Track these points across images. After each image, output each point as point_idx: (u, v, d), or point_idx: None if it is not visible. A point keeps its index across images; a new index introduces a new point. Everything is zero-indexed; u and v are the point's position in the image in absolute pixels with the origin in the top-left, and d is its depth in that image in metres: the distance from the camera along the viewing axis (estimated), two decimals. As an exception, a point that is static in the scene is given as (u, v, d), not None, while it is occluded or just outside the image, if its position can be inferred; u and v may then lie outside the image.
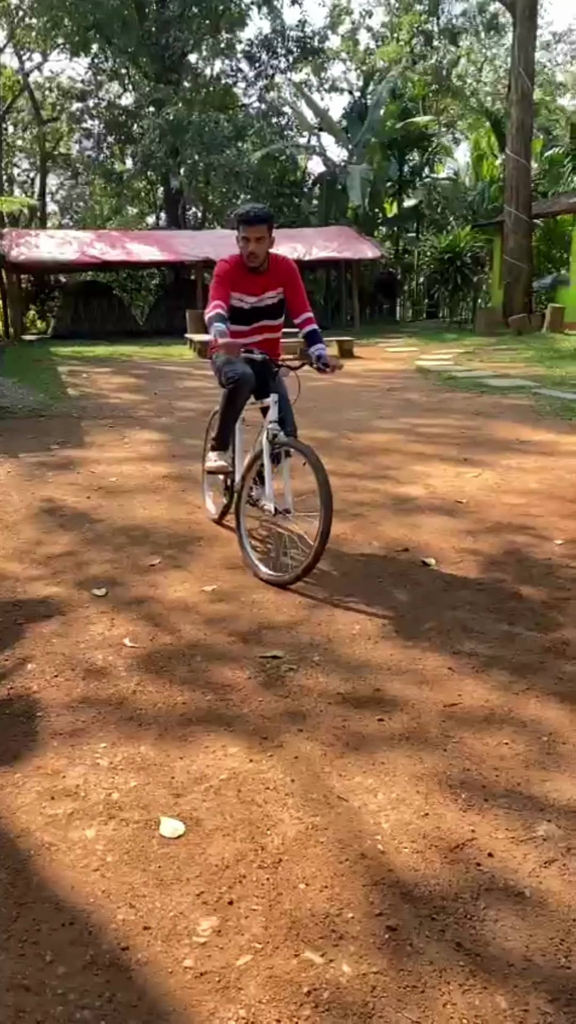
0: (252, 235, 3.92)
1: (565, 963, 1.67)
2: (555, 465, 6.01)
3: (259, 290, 4.11)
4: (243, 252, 3.99)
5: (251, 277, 4.06)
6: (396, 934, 1.75)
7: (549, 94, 34.91)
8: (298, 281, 4.20)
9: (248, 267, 4.02)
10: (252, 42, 30.10)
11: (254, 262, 4.00)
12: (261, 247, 3.96)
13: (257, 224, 3.92)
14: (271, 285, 4.14)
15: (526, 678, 2.85)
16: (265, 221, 3.96)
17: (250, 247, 3.94)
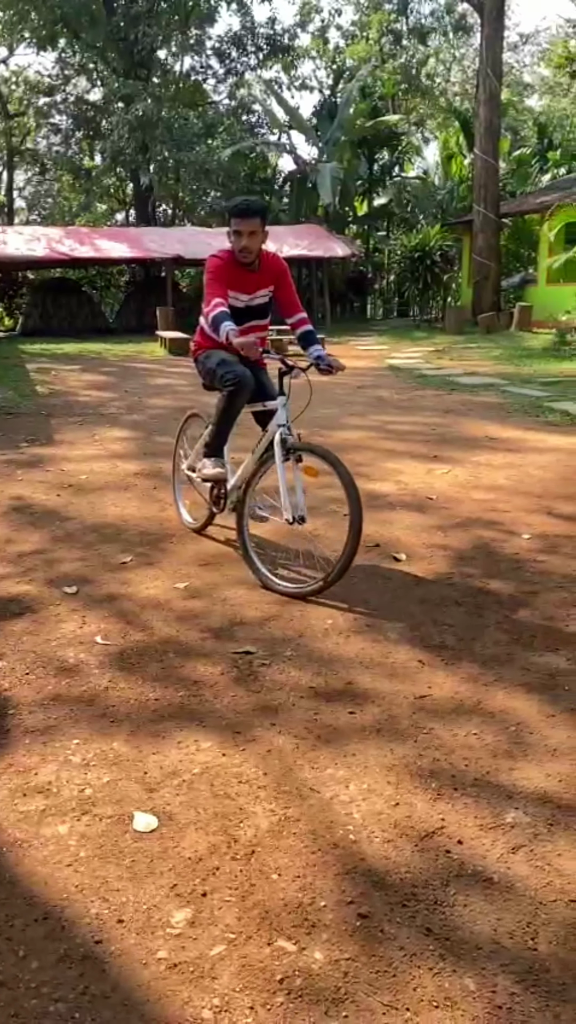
0: (245, 228, 3.71)
1: (532, 945, 1.71)
2: (523, 462, 6.09)
3: (252, 288, 3.91)
4: (235, 247, 3.77)
5: (244, 274, 3.86)
6: (368, 921, 1.78)
7: (517, 95, 35.27)
8: (289, 279, 4.03)
9: (240, 263, 3.82)
10: (222, 39, 30.01)
11: (247, 257, 3.79)
12: (254, 241, 3.75)
13: (250, 217, 3.72)
14: (263, 283, 3.95)
15: (494, 670, 2.90)
16: (259, 214, 3.76)
17: (243, 241, 3.73)
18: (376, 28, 31.97)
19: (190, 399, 9.81)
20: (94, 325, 22.62)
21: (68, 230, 23.07)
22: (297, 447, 3.68)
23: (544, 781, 2.26)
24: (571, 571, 3.84)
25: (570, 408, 8.54)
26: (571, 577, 3.77)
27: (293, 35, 30.68)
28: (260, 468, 3.84)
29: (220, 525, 4.39)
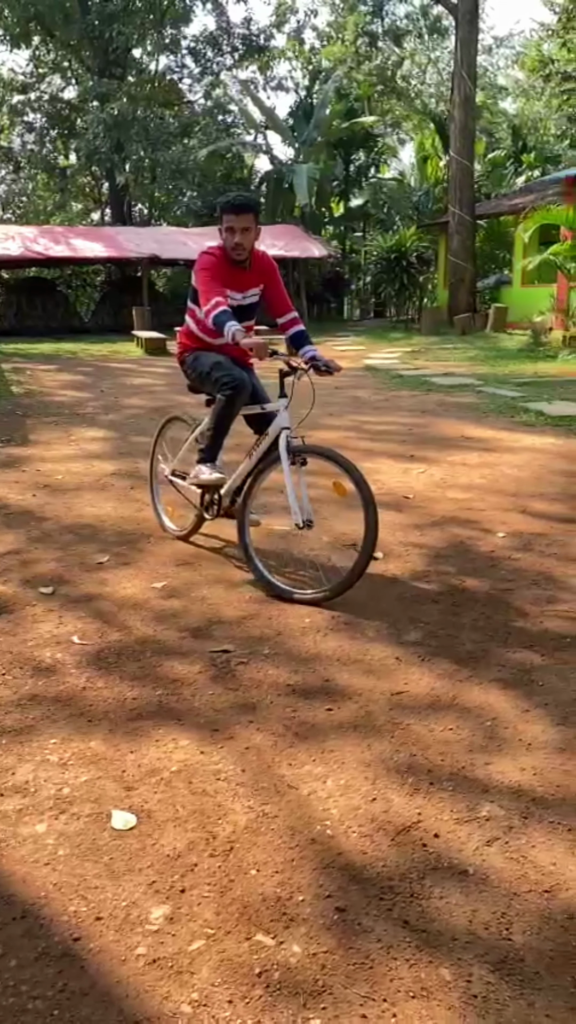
0: (238, 225, 3.60)
1: (507, 935, 1.74)
2: (498, 461, 6.15)
3: (243, 286, 3.80)
4: (227, 244, 3.66)
5: (236, 272, 3.74)
6: (345, 914, 1.80)
7: (491, 97, 35.52)
8: (279, 278, 3.93)
9: (233, 261, 3.71)
10: (197, 38, 29.97)
11: (240, 255, 3.68)
12: (247, 238, 3.64)
13: (244, 212, 3.61)
14: (254, 282, 3.84)
15: (470, 666, 2.93)
16: (252, 209, 3.67)
17: (236, 238, 3.62)
18: (351, 30, 32.07)
19: (166, 399, 9.80)
20: (69, 325, 22.50)
21: (43, 229, 22.94)
22: (303, 450, 3.58)
23: (519, 775, 2.29)
24: (545, 569, 3.89)
25: (544, 408, 8.63)
26: (545, 575, 3.82)
27: (269, 35, 30.71)
28: (262, 472, 3.73)
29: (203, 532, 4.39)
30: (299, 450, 3.58)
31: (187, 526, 4.30)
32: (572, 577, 3.79)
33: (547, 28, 28.92)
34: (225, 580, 3.80)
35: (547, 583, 3.71)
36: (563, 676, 2.85)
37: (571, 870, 1.93)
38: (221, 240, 3.69)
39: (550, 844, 2.02)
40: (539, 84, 30.04)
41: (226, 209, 3.63)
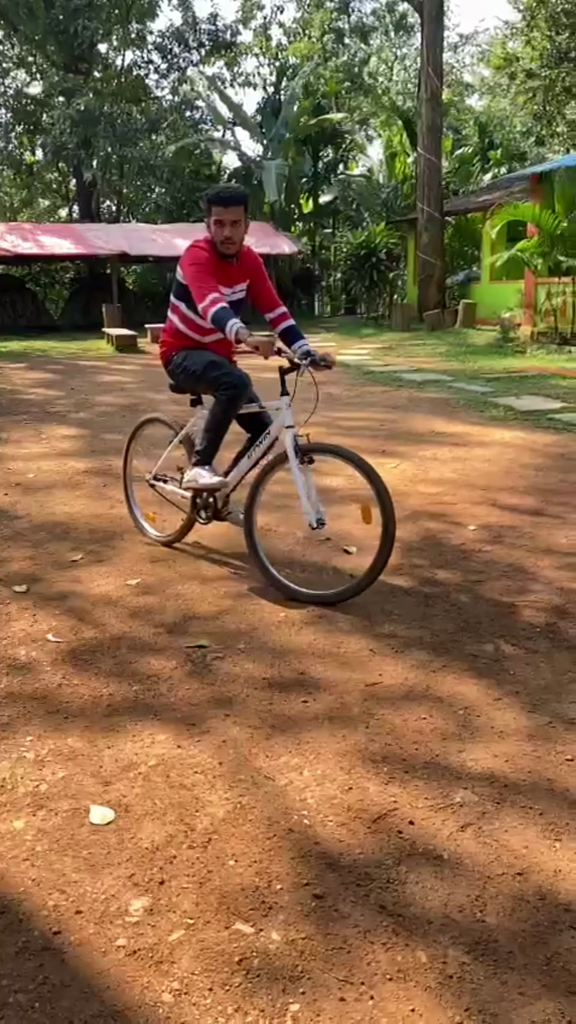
0: (227, 218, 3.49)
1: (481, 917, 1.78)
2: (468, 455, 6.22)
3: (232, 282, 3.68)
4: (216, 238, 3.55)
5: (225, 266, 3.63)
6: (323, 901, 1.82)
7: (458, 94, 35.76)
8: (266, 272, 3.84)
9: (221, 255, 3.60)
10: (163, 34, 29.78)
11: (230, 249, 3.57)
12: (237, 231, 3.54)
13: (233, 205, 3.50)
14: (241, 277, 3.74)
15: (442, 656, 2.97)
16: (242, 201, 3.55)
17: (225, 231, 3.51)
18: (318, 26, 32.09)
19: (138, 396, 9.76)
20: (39, 322, 22.30)
21: (10, 226, 22.67)
22: (311, 448, 3.49)
23: (491, 761, 2.34)
24: (514, 560, 3.95)
25: (513, 403, 8.74)
26: (515, 566, 3.88)
27: (235, 31, 30.59)
28: (268, 473, 3.61)
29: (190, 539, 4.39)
30: (307, 448, 3.48)
31: (172, 531, 4.17)
32: (541, 568, 3.85)
33: (512, 26, 29.17)
34: (199, 576, 3.81)
35: (517, 574, 3.77)
36: (533, 664, 2.91)
37: (543, 853, 1.97)
38: (209, 234, 3.58)
39: (522, 828, 2.06)
40: (505, 82, 30.26)
41: (214, 201, 3.52)
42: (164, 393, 10.66)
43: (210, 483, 3.72)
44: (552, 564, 3.90)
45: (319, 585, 3.60)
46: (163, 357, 3.90)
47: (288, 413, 3.55)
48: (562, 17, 24.54)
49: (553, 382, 10.42)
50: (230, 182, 29.24)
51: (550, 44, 25.11)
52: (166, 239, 22.81)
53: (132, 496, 4.44)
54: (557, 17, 24.67)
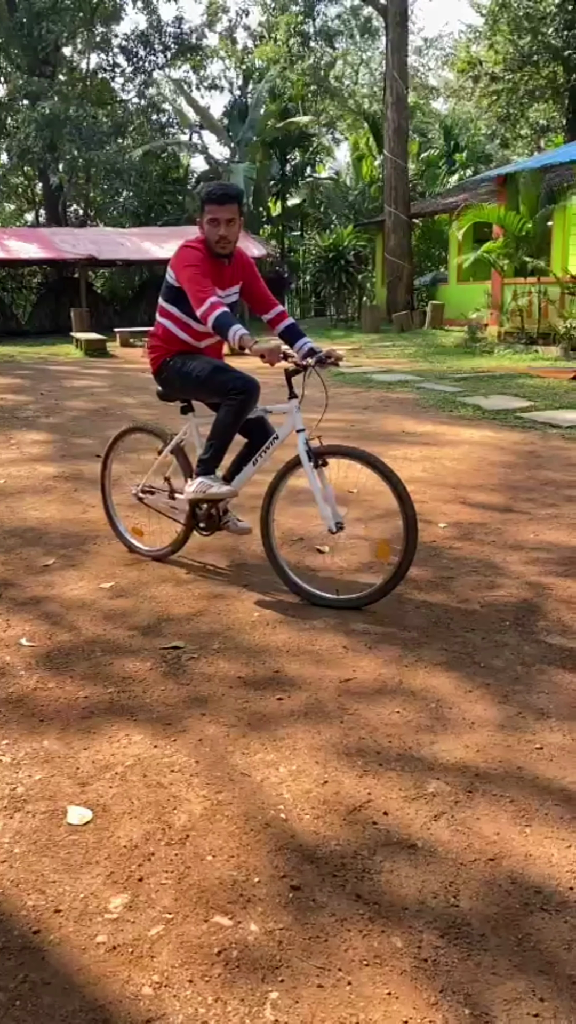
0: (222, 216, 3.39)
1: (454, 902, 1.82)
2: (438, 455, 6.30)
3: (225, 283, 3.57)
4: (211, 237, 3.44)
5: (220, 267, 3.52)
6: (300, 892, 1.86)
7: (423, 97, 36.10)
8: (258, 272, 3.74)
9: (215, 255, 3.49)
10: (129, 37, 29.71)
11: (225, 248, 3.47)
12: (232, 230, 3.43)
13: (228, 203, 3.41)
14: (235, 279, 3.63)
15: (414, 651, 3.02)
16: (236, 199, 3.46)
17: (220, 230, 3.41)
18: (284, 30, 32.22)
19: (108, 400, 9.74)
20: (6, 327, 22.13)
21: (-24, 231, 22.46)
22: (324, 451, 3.43)
23: (463, 752, 2.39)
24: (484, 556, 4.02)
25: (481, 403, 8.85)
26: (484, 562, 3.94)
27: (201, 35, 30.63)
28: (282, 478, 3.54)
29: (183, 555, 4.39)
30: (320, 452, 3.42)
31: (166, 545, 3.99)
32: (510, 563, 3.92)
33: (475, 30, 29.51)
34: (173, 579, 3.82)
35: (486, 570, 3.84)
36: (503, 657, 2.97)
37: (514, 839, 2.02)
38: (202, 233, 3.49)
39: (494, 815, 2.11)
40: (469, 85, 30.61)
41: (208, 200, 3.42)
42: (135, 397, 10.67)
43: (221, 492, 3.58)
44: (520, 559, 3.98)
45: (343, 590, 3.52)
46: (155, 363, 3.74)
47: (299, 416, 3.48)
48: (524, 21, 24.89)
49: (520, 381, 10.57)
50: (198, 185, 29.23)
51: (513, 48, 25.46)
52: (134, 243, 22.75)
53: (113, 510, 4.23)
54: (519, 21, 25.03)
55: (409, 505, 3.23)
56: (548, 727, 2.51)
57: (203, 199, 3.46)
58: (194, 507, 3.74)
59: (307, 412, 3.61)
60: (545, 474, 5.68)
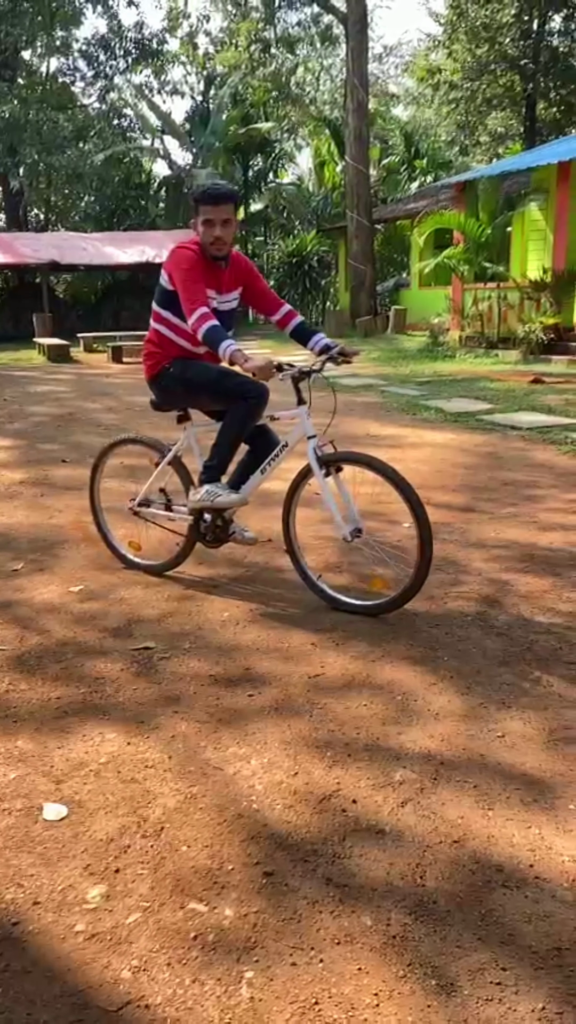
0: (217, 217, 3.27)
1: (421, 882, 1.90)
2: (403, 456, 6.41)
3: (224, 287, 3.45)
4: (205, 239, 3.31)
5: (216, 270, 3.40)
6: (273, 878, 1.92)
7: (384, 104, 36.45)
8: (259, 273, 3.63)
9: (211, 257, 3.37)
10: (89, 41, 29.60)
11: (221, 250, 3.34)
12: (228, 231, 3.31)
13: (223, 202, 3.28)
14: (233, 284, 3.50)
15: (381, 647, 3.11)
16: (231, 199, 3.33)
17: (216, 231, 3.29)
18: (245, 36, 32.33)
19: (74, 406, 9.72)
20: (-33, 333, 21.87)
21: None
22: (335, 458, 3.36)
23: (428, 741, 2.47)
24: (448, 554, 4.12)
25: (444, 406, 9.00)
26: (448, 560, 4.04)
27: (162, 40, 30.61)
28: (299, 486, 3.50)
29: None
30: (331, 459, 3.36)
31: (167, 558, 3.86)
32: (472, 561, 4.03)
33: (433, 39, 29.91)
34: (143, 581, 3.86)
35: (450, 567, 3.94)
36: (465, 651, 3.06)
37: (477, 821, 2.11)
38: (196, 235, 3.36)
39: (458, 800, 2.20)
40: (428, 92, 31.03)
41: (202, 200, 3.29)
42: (99, 402, 10.64)
43: (230, 501, 3.48)
44: (482, 557, 4.09)
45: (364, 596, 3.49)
46: (150, 371, 3.60)
47: (308, 423, 3.40)
48: (481, 31, 25.33)
49: (481, 385, 10.76)
50: (160, 190, 29.23)
51: (471, 57, 25.88)
52: (97, 248, 22.67)
53: (105, 525, 4.10)
54: (476, 31, 25.47)
55: (423, 515, 3.17)
56: (509, 716, 2.61)
57: (197, 199, 3.33)
58: (198, 518, 3.63)
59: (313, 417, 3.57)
60: (505, 475, 5.82)
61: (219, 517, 3.60)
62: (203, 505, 3.54)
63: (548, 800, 2.19)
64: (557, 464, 6.13)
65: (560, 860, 1.96)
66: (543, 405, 8.84)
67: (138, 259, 22.42)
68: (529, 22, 25.64)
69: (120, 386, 12.07)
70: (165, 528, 3.94)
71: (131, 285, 25.72)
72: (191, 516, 3.65)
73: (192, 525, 3.66)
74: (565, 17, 26.48)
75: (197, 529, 3.66)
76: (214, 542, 3.69)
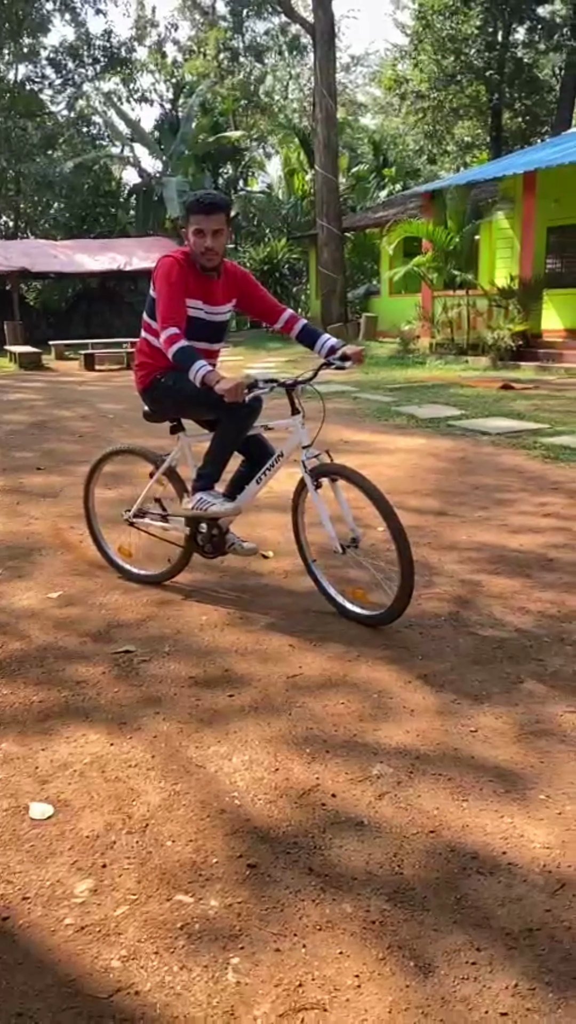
0: (209, 227, 3.23)
1: (398, 871, 1.98)
2: (375, 462, 6.51)
3: (216, 299, 3.41)
4: (196, 249, 3.27)
5: (205, 282, 3.35)
6: (256, 870, 1.98)
7: (352, 114, 36.81)
8: (256, 282, 3.58)
9: (202, 268, 3.33)
10: (57, 49, 29.55)
11: (212, 261, 3.29)
12: (219, 241, 3.26)
13: (215, 212, 3.23)
14: (226, 296, 3.46)
15: (357, 647, 3.18)
16: (223, 208, 3.27)
17: (207, 241, 3.24)
18: (213, 44, 32.49)
19: (47, 414, 9.71)
20: None
21: None
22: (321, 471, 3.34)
23: (404, 737, 2.55)
24: (420, 557, 4.21)
25: (415, 411, 9.14)
26: (421, 562, 4.13)
27: (130, 48, 30.67)
28: (298, 498, 3.53)
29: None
30: (319, 471, 3.34)
31: (163, 568, 3.86)
32: (445, 563, 4.13)
33: (400, 49, 30.29)
34: (121, 587, 3.91)
35: (423, 569, 4.03)
36: (439, 650, 3.15)
37: (452, 812, 2.19)
38: (187, 245, 3.33)
39: (434, 793, 2.28)
40: (396, 102, 31.39)
41: (194, 209, 3.24)
42: (72, 410, 10.62)
43: (223, 510, 3.44)
44: (454, 559, 4.19)
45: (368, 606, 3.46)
46: (142, 381, 3.57)
47: (304, 432, 3.37)
48: (447, 42, 25.71)
49: (452, 391, 10.93)
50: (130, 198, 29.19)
51: (437, 67, 26.25)
52: (68, 255, 22.60)
53: (100, 535, 4.09)
54: (442, 42, 25.85)
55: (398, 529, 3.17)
56: (482, 711, 2.70)
57: (188, 208, 3.28)
58: (195, 528, 3.61)
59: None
60: (476, 479, 5.95)
61: (215, 526, 3.57)
62: (196, 514, 3.52)
63: (520, 791, 2.28)
64: (526, 468, 6.27)
65: (532, 847, 2.05)
66: (512, 411, 9.00)
67: (108, 266, 22.41)
68: (494, 33, 26.10)
69: (93, 394, 12.06)
70: (161, 539, 3.92)
71: (101, 292, 25.68)
72: (187, 527, 3.63)
73: (188, 536, 3.64)
74: (528, 29, 27.01)
75: (194, 540, 3.64)
76: (212, 553, 3.65)
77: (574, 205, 14.22)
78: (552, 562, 4.13)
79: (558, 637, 3.25)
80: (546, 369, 13.05)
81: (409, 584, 3.18)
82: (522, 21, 26.47)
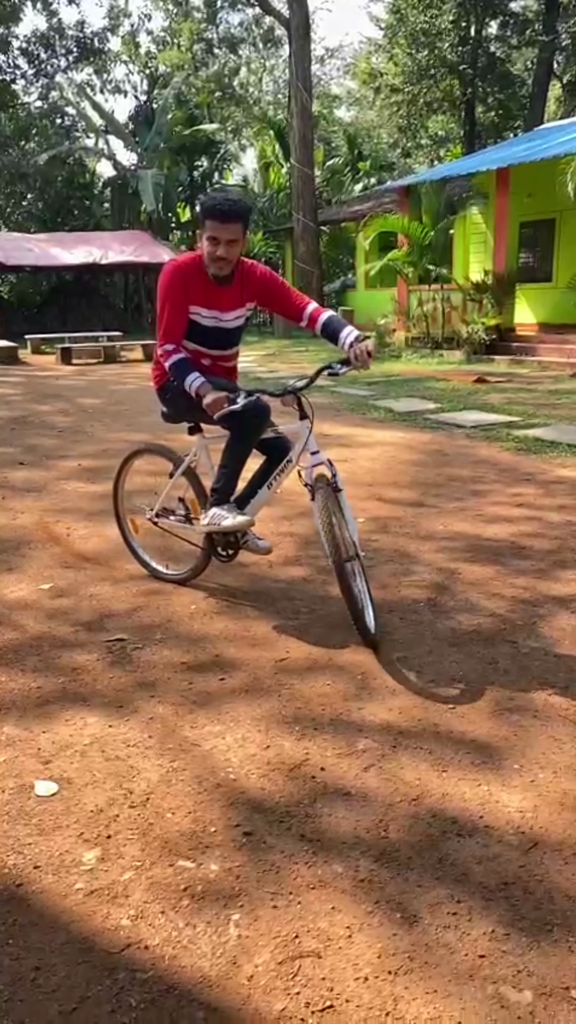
0: (223, 236, 3.05)
1: (384, 835, 2.13)
2: (354, 455, 6.67)
3: (226, 305, 3.29)
4: (208, 256, 3.12)
5: (215, 288, 3.23)
6: (252, 837, 2.13)
7: (327, 106, 36.85)
8: (280, 281, 3.41)
9: (211, 275, 3.19)
10: (29, 39, 29.27)
11: (223, 270, 3.15)
12: (233, 251, 3.10)
13: (231, 221, 3.05)
14: (239, 301, 3.31)
15: (341, 633, 3.34)
16: (241, 217, 3.08)
17: (219, 251, 3.08)
18: (187, 36, 32.35)
19: (25, 408, 9.75)
20: None
21: None
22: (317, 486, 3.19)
23: (387, 714, 2.71)
24: (399, 547, 4.38)
25: (392, 405, 9.31)
26: (400, 552, 4.30)
27: (104, 38, 30.45)
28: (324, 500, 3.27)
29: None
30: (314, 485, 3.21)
31: (186, 569, 3.90)
32: (422, 552, 4.30)
33: (374, 43, 30.38)
34: (111, 578, 4.02)
35: (402, 559, 4.20)
36: (418, 634, 3.32)
37: (432, 781, 2.35)
38: (199, 248, 3.20)
39: (415, 765, 2.43)
40: (370, 95, 31.50)
41: (210, 215, 3.06)
42: (51, 405, 10.66)
43: (235, 524, 3.38)
44: (431, 548, 4.36)
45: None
46: (157, 381, 3.54)
47: (312, 439, 3.28)
48: (420, 36, 25.84)
49: (427, 385, 11.12)
50: (105, 190, 29.04)
51: (411, 61, 26.38)
52: (42, 248, 22.49)
53: (130, 534, 4.08)
54: (416, 36, 25.97)
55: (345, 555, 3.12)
56: (459, 690, 2.87)
57: (203, 210, 3.10)
58: (211, 535, 3.62)
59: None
60: (452, 471, 6.13)
61: (231, 535, 3.58)
62: (210, 529, 3.52)
63: (495, 762, 2.44)
64: (500, 460, 6.46)
65: (506, 811, 2.21)
66: (486, 404, 9.21)
67: (84, 260, 22.34)
68: (467, 28, 26.27)
69: (71, 388, 12.10)
70: (183, 539, 3.96)
71: (77, 286, 25.58)
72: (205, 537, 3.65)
73: (207, 541, 3.66)
74: (501, 24, 27.24)
75: (211, 544, 3.66)
76: (228, 558, 3.66)
77: (546, 200, 14.46)
78: (524, 550, 4.31)
79: (530, 620, 3.43)
80: (519, 363, 13.29)
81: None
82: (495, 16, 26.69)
